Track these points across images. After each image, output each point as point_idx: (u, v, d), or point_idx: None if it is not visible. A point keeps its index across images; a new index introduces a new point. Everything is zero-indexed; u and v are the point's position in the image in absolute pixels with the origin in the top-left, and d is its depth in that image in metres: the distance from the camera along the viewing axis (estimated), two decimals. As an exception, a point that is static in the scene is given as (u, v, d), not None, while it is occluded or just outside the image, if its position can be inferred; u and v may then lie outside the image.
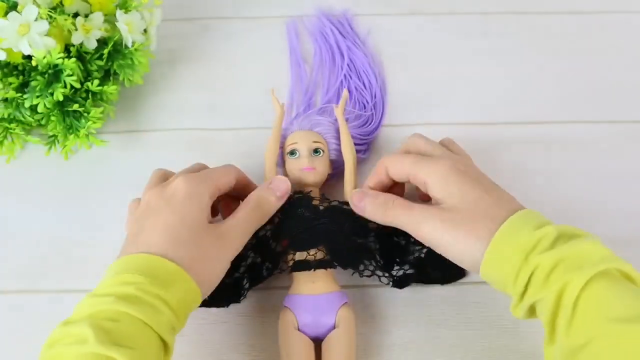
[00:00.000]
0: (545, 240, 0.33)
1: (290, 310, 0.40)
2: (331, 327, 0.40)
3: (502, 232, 0.35)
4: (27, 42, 0.45)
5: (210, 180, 0.39)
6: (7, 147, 0.51)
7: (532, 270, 0.33)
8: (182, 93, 0.56)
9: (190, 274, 0.35)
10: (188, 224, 0.36)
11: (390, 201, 0.40)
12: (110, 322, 0.31)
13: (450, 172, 0.38)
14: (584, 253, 0.33)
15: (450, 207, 0.37)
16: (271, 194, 0.41)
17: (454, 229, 0.36)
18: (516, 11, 0.61)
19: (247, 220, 0.39)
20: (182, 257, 0.35)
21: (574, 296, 0.31)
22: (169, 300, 0.33)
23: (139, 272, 0.34)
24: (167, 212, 0.37)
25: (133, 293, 0.32)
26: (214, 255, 0.37)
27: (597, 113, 0.54)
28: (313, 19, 0.61)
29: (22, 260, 0.47)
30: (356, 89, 0.54)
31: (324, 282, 0.41)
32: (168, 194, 0.38)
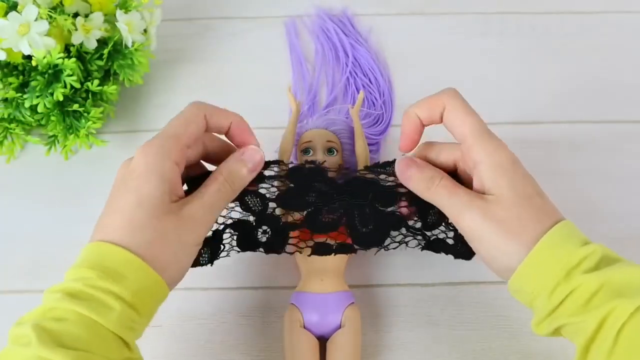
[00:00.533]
0: (591, 259, 0.31)
1: (297, 307, 0.40)
2: (337, 327, 0.40)
3: (547, 241, 0.32)
4: (27, 42, 0.45)
5: (173, 140, 0.35)
6: (7, 147, 0.51)
7: (571, 289, 0.31)
8: (182, 93, 0.56)
9: (149, 261, 0.32)
10: (145, 204, 0.33)
11: (437, 178, 0.36)
12: (55, 321, 0.30)
13: (507, 162, 0.35)
14: (632, 279, 0.31)
15: (497, 201, 0.34)
16: (243, 165, 0.37)
17: (497, 227, 0.33)
18: (516, 11, 0.61)
19: (214, 197, 0.35)
20: (138, 243, 0.32)
21: (619, 324, 0.29)
22: (121, 294, 0.31)
23: (89, 265, 0.32)
24: (124, 191, 0.34)
25: (81, 289, 0.31)
26: (175, 239, 0.33)
27: (597, 113, 0.54)
28: (313, 18, 0.61)
29: (22, 260, 0.47)
30: (363, 86, 0.55)
31: (333, 280, 0.41)
32: (129, 170, 0.34)
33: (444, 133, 0.53)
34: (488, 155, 0.35)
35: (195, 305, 0.44)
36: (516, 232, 0.33)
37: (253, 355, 0.42)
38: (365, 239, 0.40)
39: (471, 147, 0.35)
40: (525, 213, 0.33)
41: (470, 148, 0.35)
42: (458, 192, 0.35)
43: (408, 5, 0.61)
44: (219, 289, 0.45)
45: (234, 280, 0.45)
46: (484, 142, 0.35)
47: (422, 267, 0.45)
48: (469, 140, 0.35)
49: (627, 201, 0.49)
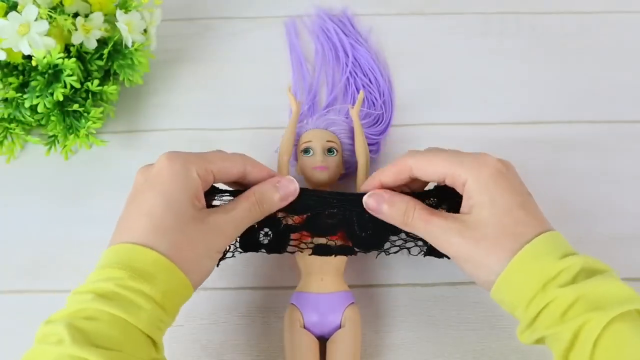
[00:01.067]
0: (568, 272, 0.32)
1: (297, 307, 0.40)
2: (337, 327, 0.40)
3: (524, 254, 0.33)
4: (27, 42, 0.45)
5: (203, 160, 0.36)
6: (7, 147, 0.51)
7: (547, 302, 0.32)
8: (182, 93, 0.56)
9: (176, 262, 0.33)
10: (172, 207, 0.34)
11: (410, 210, 0.37)
12: (87, 321, 0.30)
13: (491, 174, 0.35)
14: (607, 292, 0.31)
15: (474, 219, 0.35)
16: (276, 192, 0.38)
17: (475, 245, 0.34)
18: (516, 11, 0.61)
19: (242, 215, 0.37)
20: (166, 245, 0.33)
21: (594, 336, 0.30)
22: (152, 294, 0.31)
23: (119, 265, 0.32)
24: (150, 194, 0.34)
25: (112, 289, 0.31)
26: (201, 244, 0.34)
27: (597, 113, 0.54)
28: (313, 18, 0.61)
29: (22, 260, 0.47)
30: (363, 86, 0.55)
31: (333, 281, 0.41)
32: (152, 174, 0.35)
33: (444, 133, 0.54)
34: (474, 173, 0.36)
35: (195, 305, 0.44)
36: (494, 247, 0.34)
37: (253, 355, 0.42)
38: (364, 242, 0.40)
39: (454, 175, 0.36)
40: (503, 228, 0.34)
41: (454, 176, 0.36)
42: (433, 220, 0.36)
43: (408, 5, 0.61)
44: (219, 289, 0.45)
45: (234, 280, 0.45)
46: (465, 163, 0.36)
47: (422, 267, 0.45)
48: (449, 172, 0.36)
49: (627, 201, 0.49)
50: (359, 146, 0.46)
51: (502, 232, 0.34)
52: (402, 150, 0.51)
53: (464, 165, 0.36)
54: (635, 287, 0.45)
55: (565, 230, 0.47)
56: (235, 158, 0.38)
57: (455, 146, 0.51)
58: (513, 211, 0.34)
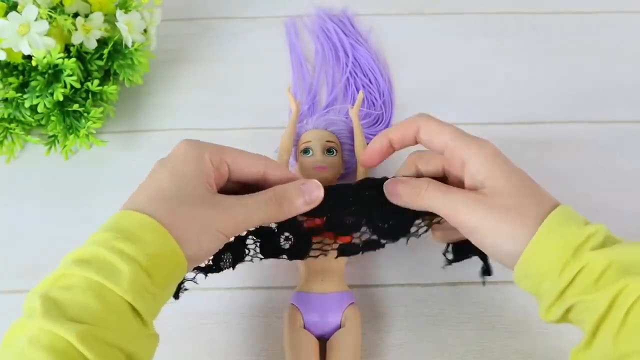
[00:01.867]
0: (597, 237, 0.31)
1: (297, 307, 0.40)
2: (337, 326, 0.40)
3: (551, 221, 0.31)
4: (27, 42, 0.45)
5: (219, 150, 0.35)
6: (7, 147, 0.51)
7: (580, 267, 0.30)
8: (182, 93, 0.56)
9: (170, 229, 0.31)
10: (177, 179, 0.33)
11: (424, 184, 0.35)
12: (63, 290, 0.28)
13: (493, 153, 0.35)
14: (639, 257, 0.30)
15: (494, 191, 0.33)
16: (299, 195, 0.36)
17: (498, 215, 0.32)
18: (516, 11, 0.61)
19: (256, 206, 0.34)
20: (162, 212, 0.31)
21: (629, 302, 0.28)
22: (135, 256, 0.29)
23: (107, 228, 0.31)
24: (160, 172, 0.34)
25: (93, 251, 0.29)
26: (203, 217, 0.32)
27: (597, 113, 0.54)
28: (313, 18, 0.61)
29: (22, 260, 0.47)
30: (363, 86, 0.55)
31: (333, 281, 0.41)
32: (168, 157, 0.35)
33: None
34: (475, 151, 0.35)
35: (196, 305, 0.44)
36: (518, 217, 0.32)
37: (253, 355, 0.42)
38: (390, 231, 0.38)
39: (455, 149, 0.35)
40: (525, 198, 0.33)
41: (455, 150, 0.35)
42: (450, 190, 0.35)
43: (408, 5, 0.61)
44: (219, 289, 0.45)
45: (234, 280, 0.45)
46: (467, 141, 0.35)
47: (422, 267, 0.45)
48: (451, 144, 0.35)
49: (627, 201, 0.49)
50: (359, 146, 0.46)
51: (524, 201, 0.33)
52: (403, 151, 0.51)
53: (466, 142, 0.35)
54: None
55: (565, 230, 0.47)
56: (257, 158, 0.37)
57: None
58: (529, 184, 0.34)
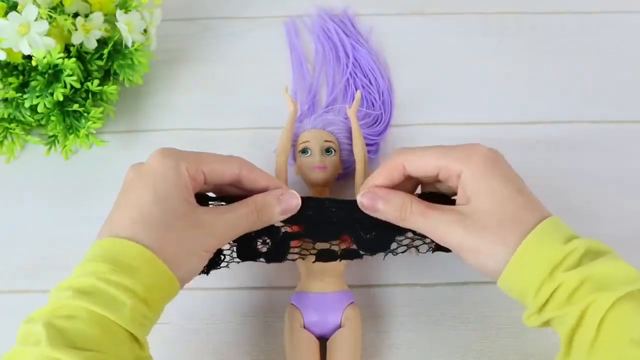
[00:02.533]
0: (573, 256, 0.32)
1: (297, 307, 0.40)
2: (337, 326, 0.40)
3: (530, 241, 0.33)
4: (27, 42, 0.45)
5: (194, 158, 0.35)
6: (7, 147, 0.51)
7: (555, 287, 0.32)
8: (182, 93, 0.56)
9: (161, 257, 0.32)
10: (161, 201, 0.33)
11: (407, 206, 0.36)
12: (66, 320, 0.29)
13: (484, 163, 0.35)
14: (612, 273, 0.31)
15: (475, 210, 0.34)
16: (277, 204, 0.37)
17: (479, 234, 0.34)
18: (516, 11, 0.61)
19: (238, 220, 0.36)
20: (151, 238, 0.32)
21: (600, 316, 0.30)
22: (134, 288, 0.30)
23: (101, 259, 0.31)
24: (139, 188, 0.33)
25: (92, 284, 0.30)
26: (190, 240, 0.33)
27: (597, 113, 0.54)
28: (314, 18, 0.61)
29: (22, 260, 0.47)
30: (363, 87, 0.55)
31: (332, 280, 0.41)
32: (144, 169, 0.34)
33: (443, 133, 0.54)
34: (464, 165, 0.35)
35: (196, 305, 0.44)
36: (499, 235, 0.33)
37: (253, 355, 0.42)
38: (369, 245, 0.40)
39: (447, 166, 0.36)
40: (506, 215, 0.34)
41: (447, 167, 0.36)
42: (432, 213, 0.35)
43: (408, 5, 0.61)
44: (219, 289, 0.45)
45: (234, 280, 0.45)
46: (455, 154, 0.36)
47: (422, 267, 0.45)
48: (442, 163, 0.36)
49: (627, 201, 0.49)
50: (357, 146, 0.46)
51: (505, 220, 0.34)
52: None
53: (456, 156, 0.35)
54: (635, 287, 0.45)
55: (565, 230, 0.47)
56: (231, 161, 0.37)
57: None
58: (513, 198, 0.34)
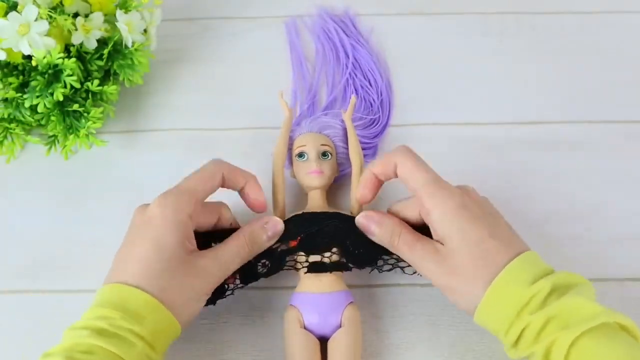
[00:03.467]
0: (538, 297, 0.34)
1: (297, 308, 0.40)
2: (337, 326, 0.40)
3: (498, 283, 0.35)
4: (27, 42, 0.45)
5: (189, 195, 0.38)
6: (7, 147, 0.51)
7: (523, 327, 0.34)
8: (182, 93, 0.56)
9: (165, 304, 0.35)
10: (163, 253, 0.36)
11: (396, 232, 0.39)
12: (85, 354, 0.33)
13: (454, 209, 0.37)
14: (574, 310, 0.33)
15: (448, 251, 0.37)
16: (264, 232, 0.40)
17: (450, 275, 0.36)
18: (516, 11, 0.61)
19: (231, 258, 0.39)
20: (156, 288, 0.35)
21: (563, 354, 0.32)
22: (141, 333, 0.34)
23: (112, 305, 0.35)
24: (144, 239, 0.37)
25: (106, 328, 0.34)
26: (189, 287, 0.37)
27: (597, 113, 0.54)
28: (315, 18, 0.61)
29: (22, 260, 0.47)
30: (362, 87, 0.54)
31: (331, 280, 0.41)
32: (146, 218, 0.38)
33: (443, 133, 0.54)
34: (436, 205, 0.37)
35: (195, 305, 0.44)
36: (470, 279, 0.36)
37: (253, 355, 0.42)
38: (358, 259, 0.42)
39: (422, 196, 0.38)
40: (476, 259, 0.36)
41: (422, 197, 0.38)
42: (416, 246, 0.38)
43: (408, 5, 0.61)
44: (219, 289, 0.45)
45: (234, 280, 0.45)
46: (431, 192, 0.37)
47: (422, 267, 0.45)
48: (419, 192, 0.38)
49: (627, 201, 0.49)
50: (353, 151, 0.46)
51: (474, 263, 0.36)
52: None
53: (431, 194, 0.37)
54: (636, 287, 0.45)
55: (565, 230, 0.47)
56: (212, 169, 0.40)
57: (455, 146, 0.52)
58: (484, 242, 0.36)
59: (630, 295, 0.44)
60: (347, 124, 0.47)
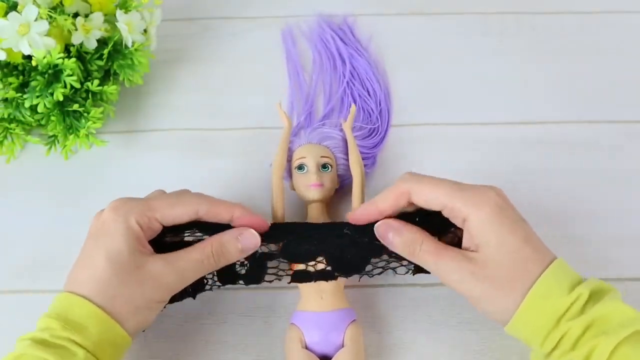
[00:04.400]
0: (577, 304, 0.33)
1: (298, 327, 0.39)
2: (340, 345, 0.39)
3: (536, 293, 0.34)
4: (27, 42, 0.45)
5: (145, 209, 0.37)
6: (7, 147, 0.51)
7: (561, 335, 0.33)
8: (182, 93, 0.56)
9: (112, 313, 0.34)
10: (112, 258, 0.35)
11: (417, 244, 0.37)
12: None
13: (493, 212, 0.35)
14: (612, 315, 0.33)
15: (484, 259, 0.35)
16: (236, 244, 0.38)
17: (486, 284, 0.35)
18: (516, 11, 0.61)
19: (189, 267, 0.37)
20: (103, 297, 0.35)
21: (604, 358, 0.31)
22: (83, 344, 0.33)
23: (56, 315, 0.34)
24: (95, 245, 0.36)
25: (47, 338, 0.33)
26: (138, 295, 0.35)
27: (597, 113, 0.54)
28: (312, 25, 0.60)
29: (22, 260, 0.47)
30: (360, 97, 0.54)
31: (333, 298, 0.40)
32: (99, 224, 0.37)
33: (443, 133, 0.54)
34: (472, 211, 0.35)
35: (196, 305, 0.44)
36: (506, 288, 0.34)
37: (253, 355, 0.42)
38: (344, 266, 0.40)
39: (454, 208, 0.36)
40: (514, 267, 0.35)
41: (454, 209, 0.36)
42: (443, 255, 0.36)
43: (408, 5, 0.61)
44: (219, 289, 0.45)
45: (234, 280, 0.45)
46: (465, 198, 0.36)
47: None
48: (450, 203, 0.36)
49: (627, 201, 0.49)
50: (353, 162, 0.45)
51: (513, 272, 0.34)
52: (401, 150, 0.51)
53: (464, 199, 0.36)
54: (636, 286, 0.45)
55: (565, 230, 0.47)
56: (186, 202, 0.38)
57: (455, 146, 0.52)
58: (521, 249, 0.35)
59: (630, 295, 0.44)
60: (347, 134, 0.46)
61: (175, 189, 0.50)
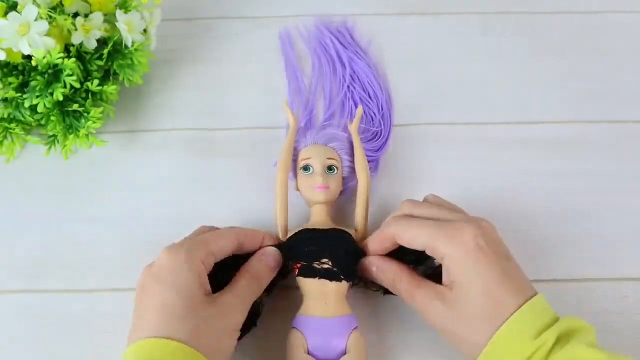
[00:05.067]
0: (542, 351, 0.33)
1: (300, 332, 0.39)
2: (342, 352, 0.38)
3: (501, 337, 0.34)
4: (27, 42, 0.45)
5: (201, 246, 0.38)
6: (7, 147, 0.51)
7: None
8: (182, 93, 0.56)
9: (196, 347, 0.34)
10: (183, 295, 0.35)
11: (397, 281, 0.39)
12: None
13: (469, 251, 0.36)
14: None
15: (455, 297, 0.36)
16: (265, 265, 0.40)
17: (456, 323, 0.36)
18: (516, 11, 0.61)
19: (245, 293, 0.38)
20: (183, 332, 0.34)
21: None
22: None
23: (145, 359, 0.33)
24: (159, 289, 0.35)
25: None
26: (218, 324, 0.36)
27: (597, 113, 0.54)
28: (311, 28, 0.60)
29: (22, 260, 0.47)
30: (362, 100, 0.53)
31: (337, 304, 0.40)
32: (155, 271, 0.36)
33: (443, 133, 0.53)
34: (448, 251, 0.36)
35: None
36: (475, 326, 0.35)
37: (253, 355, 0.42)
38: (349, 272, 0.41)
39: (434, 248, 0.37)
40: (486, 308, 0.35)
41: (434, 249, 0.37)
42: (417, 293, 0.38)
43: (408, 5, 0.61)
44: (219, 289, 0.45)
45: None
46: (443, 238, 0.37)
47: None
48: (431, 243, 0.37)
49: (627, 201, 0.49)
50: (359, 164, 0.45)
51: (483, 312, 0.35)
52: (403, 151, 0.51)
53: (444, 239, 0.37)
54: (636, 286, 0.45)
55: (565, 230, 0.47)
56: (229, 234, 0.40)
57: (455, 146, 0.52)
58: (493, 290, 0.35)
59: (630, 296, 0.44)
60: (353, 136, 0.46)
61: (175, 189, 0.50)
